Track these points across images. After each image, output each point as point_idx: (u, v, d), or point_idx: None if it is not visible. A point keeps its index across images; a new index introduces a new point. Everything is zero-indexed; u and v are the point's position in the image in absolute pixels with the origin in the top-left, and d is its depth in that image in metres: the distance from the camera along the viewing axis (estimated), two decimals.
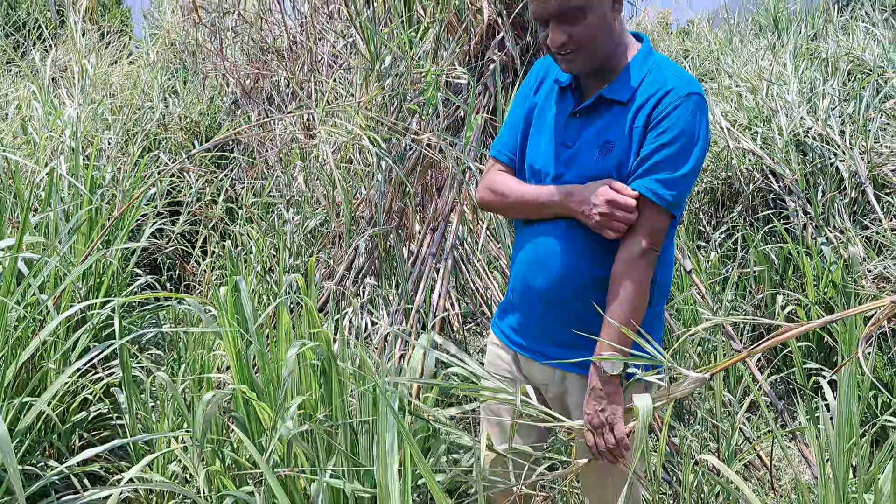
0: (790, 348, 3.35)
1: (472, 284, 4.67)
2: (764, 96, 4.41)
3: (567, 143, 1.60)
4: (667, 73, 1.53)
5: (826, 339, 3.37)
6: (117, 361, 2.68)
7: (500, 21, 2.55)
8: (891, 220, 3.41)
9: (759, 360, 3.52)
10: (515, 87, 2.57)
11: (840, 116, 4.11)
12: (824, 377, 3.01)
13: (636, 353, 1.41)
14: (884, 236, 3.23)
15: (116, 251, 3.17)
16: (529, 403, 1.50)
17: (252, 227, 4.12)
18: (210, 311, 2.75)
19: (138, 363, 2.95)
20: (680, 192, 1.49)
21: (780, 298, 3.58)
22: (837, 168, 3.91)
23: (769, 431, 2.70)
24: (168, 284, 4.55)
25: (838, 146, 3.90)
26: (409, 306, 2.51)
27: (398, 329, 2.41)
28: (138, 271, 3.79)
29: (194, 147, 5.20)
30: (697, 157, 1.50)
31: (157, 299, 3.69)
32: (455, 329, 4.53)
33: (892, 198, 3.48)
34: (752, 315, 3.68)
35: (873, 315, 1.30)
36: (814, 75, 4.51)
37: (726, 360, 1.32)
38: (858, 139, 3.90)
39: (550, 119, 1.65)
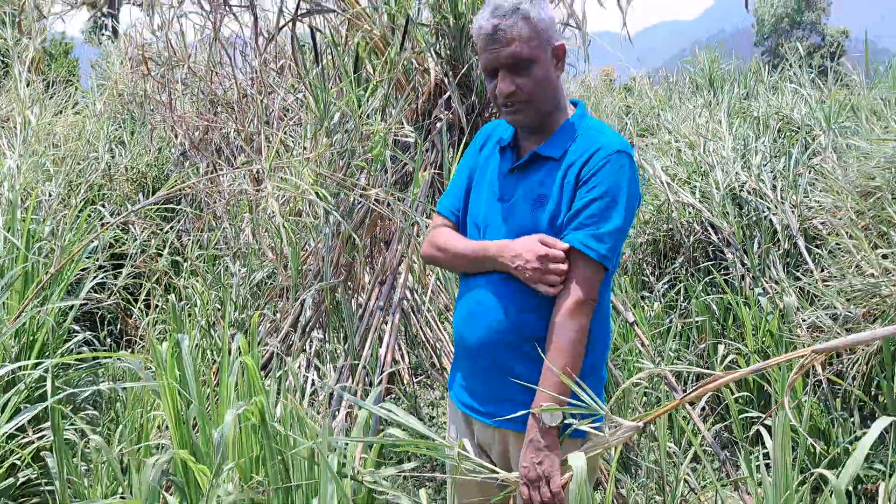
0: (733, 396, 3.43)
1: (422, 336, 4.66)
2: (701, 152, 4.60)
3: (505, 197, 1.67)
4: (597, 133, 1.63)
5: (765, 388, 3.46)
6: (49, 423, 2.57)
7: (446, 81, 2.63)
8: (822, 272, 3.56)
9: (703, 409, 3.58)
10: (462, 145, 2.64)
11: (772, 172, 4.31)
12: (764, 425, 3.08)
13: (574, 402, 1.43)
14: (816, 287, 3.36)
15: (52, 308, 3.07)
16: (467, 457, 1.50)
17: (197, 280, 4.05)
18: (150, 368, 2.67)
19: (72, 424, 2.83)
20: (611, 246, 1.55)
21: (721, 348, 3.68)
22: (771, 221, 4.09)
23: (712, 482, 2.74)
24: (108, 340, 4.41)
25: (771, 200, 4.08)
26: (356, 362, 2.49)
27: (343, 386, 2.38)
28: (76, 328, 3.67)
29: (140, 198, 5.12)
30: (627, 211, 1.58)
31: (95, 357, 3.57)
32: (405, 382, 4.49)
33: (821, 250, 3.64)
34: (694, 364, 3.76)
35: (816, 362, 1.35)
36: (747, 132, 4.74)
37: (660, 409, 1.34)
38: (789, 194, 4.09)
39: (491, 176, 1.73)
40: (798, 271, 3.83)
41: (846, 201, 3.47)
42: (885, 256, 3.07)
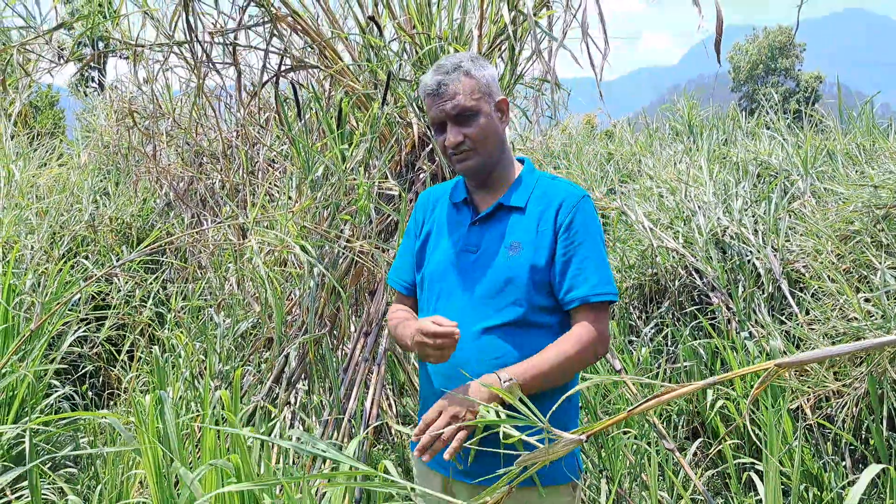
0: (725, 443, 3.40)
1: (410, 385, 4.61)
2: (683, 197, 4.66)
3: (470, 248, 1.72)
4: (556, 183, 1.74)
5: (757, 433, 3.44)
6: (27, 482, 2.50)
7: (429, 133, 2.66)
8: (806, 315, 3.57)
9: (695, 454, 3.55)
10: None
11: (753, 216, 4.36)
12: (756, 472, 3.05)
13: (512, 414, 1.30)
14: (800, 330, 3.37)
15: (33, 363, 3.02)
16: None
17: (181, 332, 4.01)
18: (132, 422, 2.62)
19: (51, 483, 2.76)
20: (612, 282, 1.63)
21: (710, 393, 3.66)
22: (754, 265, 4.12)
23: None
24: (90, 393, 4.33)
25: (753, 244, 4.12)
26: (341, 416, 2.45)
27: (329, 442, 2.34)
28: (56, 382, 3.60)
29: (123, 249, 5.10)
30: (604, 246, 1.69)
31: (74, 411, 3.50)
32: (393, 433, 4.42)
33: (805, 293, 3.67)
34: (684, 410, 3.74)
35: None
36: (727, 178, 4.81)
37: (605, 421, 1.25)
38: (771, 238, 4.13)
39: (448, 232, 1.78)
40: (783, 315, 3.84)
41: (826, 245, 3.51)
42: (867, 300, 3.10)
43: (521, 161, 1.84)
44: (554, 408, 1.20)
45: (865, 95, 5.22)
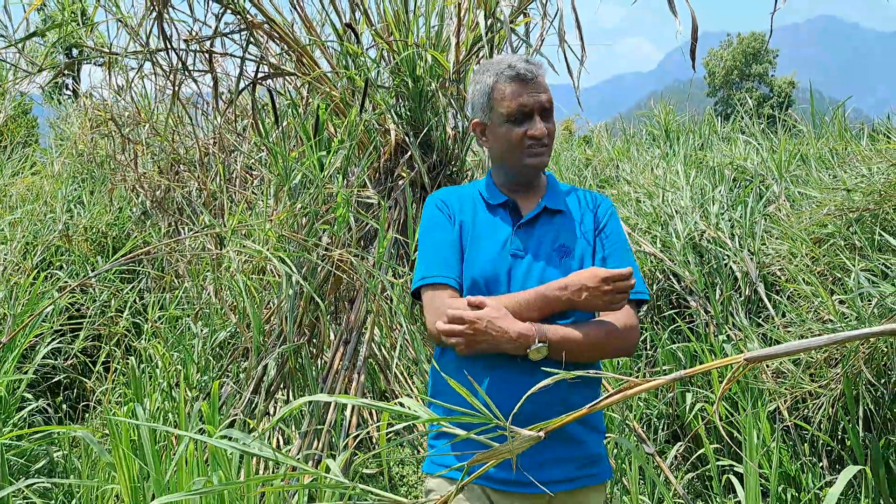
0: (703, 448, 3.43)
1: (391, 392, 4.59)
2: (660, 202, 4.69)
3: (518, 253, 1.68)
4: (584, 190, 1.82)
5: (736, 435, 3.47)
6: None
7: (407, 140, 2.66)
8: (782, 317, 3.61)
9: (675, 458, 3.57)
10: (423, 203, 2.65)
11: (729, 220, 4.41)
12: (735, 474, 3.08)
13: (467, 411, 1.12)
14: (777, 333, 3.41)
15: (5, 376, 2.96)
16: None
17: (158, 342, 3.95)
18: (107, 434, 2.58)
19: (24, 498, 2.71)
20: (644, 282, 1.70)
21: (689, 396, 3.69)
22: (731, 269, 4.16)
23: None
24: (65, 405, 4.25)
25: (730, 248, 4.16)
26: (321, 426, 2.43)
27: (308, 453, 2.32)
28: (28, 396, 3.54)
29: (99, 259, 5.02)
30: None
31: (48, 424, 3.44)
32: (374, 440, 4.40)
33: (781, 296, 3.71)
34: (663, 414, 3.76)
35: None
36: (703, 182, 4.85)
37: (561, 419, 1.16)
38: (747, 241, 4.18)
39: (488, 234, 1.72)
40: (760, 318, 3.88)
41: (801, 248, 3.56)
42: (841, 302, 3.14)
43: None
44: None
45: (837, 100, 5.31)
